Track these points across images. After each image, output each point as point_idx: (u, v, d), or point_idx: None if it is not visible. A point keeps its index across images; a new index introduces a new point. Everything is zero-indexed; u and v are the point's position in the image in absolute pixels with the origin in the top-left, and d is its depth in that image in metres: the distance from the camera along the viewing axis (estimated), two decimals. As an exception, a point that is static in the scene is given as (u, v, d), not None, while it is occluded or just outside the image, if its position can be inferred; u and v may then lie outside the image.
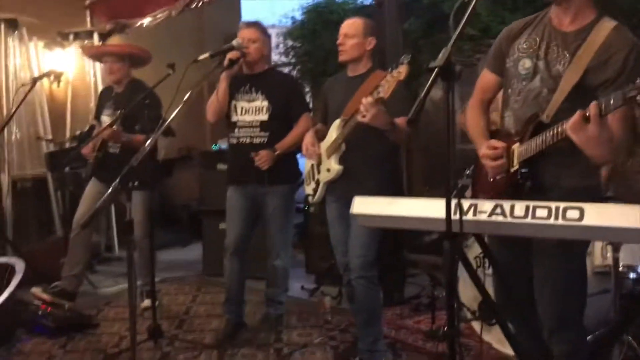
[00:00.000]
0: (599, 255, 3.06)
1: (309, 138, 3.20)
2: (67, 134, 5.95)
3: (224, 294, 3.67)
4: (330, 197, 3.21)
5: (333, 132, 3.08)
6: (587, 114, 1.71)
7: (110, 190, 2.49)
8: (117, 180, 2.49)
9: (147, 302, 4.08)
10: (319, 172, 3.22)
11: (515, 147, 2.05)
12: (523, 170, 1.99)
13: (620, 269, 2.95)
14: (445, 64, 1.60)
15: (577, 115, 1.74)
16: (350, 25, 3.06)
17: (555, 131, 1.87)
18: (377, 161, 3.06)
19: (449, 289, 1.66)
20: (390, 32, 3.89)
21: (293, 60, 6.38)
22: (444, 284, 1.74)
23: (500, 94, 2.31)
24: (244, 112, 3.48)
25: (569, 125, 1.76)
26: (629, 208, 1.52)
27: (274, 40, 6.46)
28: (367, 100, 2.64)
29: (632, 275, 2.97)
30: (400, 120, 2.80)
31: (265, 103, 3.43)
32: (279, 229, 3.55)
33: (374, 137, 2.91)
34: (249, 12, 7.83)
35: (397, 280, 4.23)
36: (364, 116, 2.67)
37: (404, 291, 4.27)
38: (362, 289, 3.04)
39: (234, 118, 3.50)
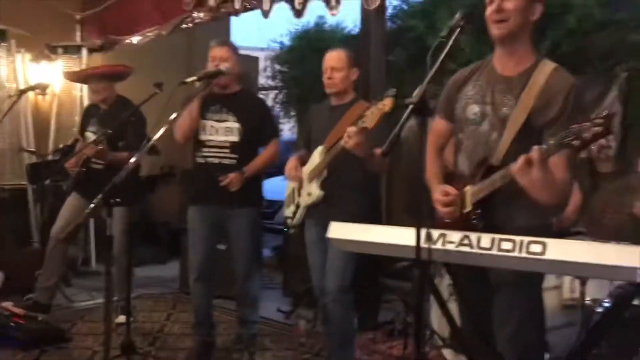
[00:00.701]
0: (567, 289, 3.15)
1: (292, 162, 3.28)
2: (50, 147, 5.96)
3: (193, 317, 3.64)
4: (309, 220, 3.27)
5: (316, 158, 3.16)
6: (531, 158, 1.79)
7: (92, 206, 2.52)
8: (100, 196, 2.52)
9: (121, 318, 4.08)
10: (299, 196, 3.29)
11: (468, 189, 2.12)
12: (476, 212, 2.06)
13: (587, 302, 3.04)
14: (419, 101, 1.68)
15: (521, 159, 1.82)
16: (336, 58, 3.16)
17: (503, 173, 1.95)
18: (357, 188, 3.14)
19: (417, 315, 1.73)
20: (375, 63, 3.99)
21: (280, 85, 6.50)
22: (413, 311, 1.80)
23: None
24: (213, 131, 3.44)
25: (514, 169, 1.85)
26: (588, 245, 1.61)
27: (261, 64, 6.60)
28: (351, 129, 2.75)
29: (598, 309, 3.06)
30: (380, 152, 2.88)
31: (237, 125, 3.41)
32: (247, 251, 3.52)
33: (355, 164, 2.99)
34: (238, 35, 7.96)
35: (372, 305, 4.28)
36: (346, 142, 2.76)
37: (378, 316, 4.32)
38: (337, 312, 3.10)
39: (203, 137, 3.44)
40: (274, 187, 7.28)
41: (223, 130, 3.43)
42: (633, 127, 4.22)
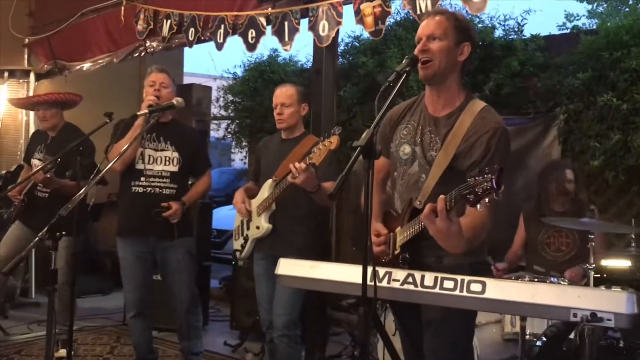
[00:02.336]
0: (508, 323, 3.25)
1: (239, 195, 3.31)
2: (-7, 172, 5.77)
3: (134, 353, 3.57)
4: (258, 254, 3.29)
5: (265, 191, 3.19)
6: (435, 208, 1.80)
7: (36, 239, 2.46)
8: (45, 230, 2.46)
9: (62, 352, 3.95)
10: (248, 228, 3.30)
11: (397, 230, 2.14)
12: (403, 255, 2.07)
13: (527, 336, 3.13)
14: (367, 144, 1.74)
15: (427, 208, 1.83)
16: (286, 95, 3.23)
17: (420, 218, 1.94)
18: (305, 221, 3.18)
19: (363, 352, 1.75)
20: (327, 98, 4.05)
21: (232, 115, 6.51)
22: (359, 347, 1.83)
23: None
24: (151, 160, 3.39)
25: (421, 218, 1.86)
26: (525, 285, 1.68)
27: (214, 94, 6.60)
28: (299, 165, 2.80)
29: (538, 342, 3.16)
30: (327, 185, 2.97)
31: (176, 154, 3.41)
32: (187, 281, 3.48)
33: (303, 198, 3.05)
34: (190, 63, 7.95)
35: (319, 338, 4.27)
36: (295, 178, 2.81)
37: (325, 349, 4.30)
38: (284, 347, 3.10)
39: (140, 166, 3.38)
40: (222, 217, 7.25)
41: (162, 160, 3.40)
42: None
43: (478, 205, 1.68)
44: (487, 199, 1.64)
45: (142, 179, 3.37)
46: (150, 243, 3.39)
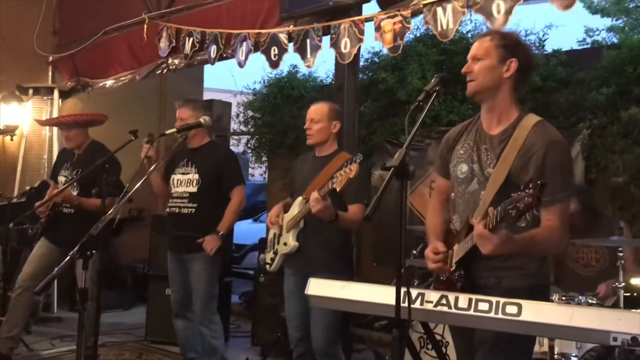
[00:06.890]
0: (536, 342, 3.19)
1: (275, 209, 3.35)
2: (17, 188, 5.84)
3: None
4: (288, 269, 3.30)
5: (295, 208, 3.21)
6: (480, 234, 1.84)
7: (67, 259, 2.50)
8: (76, 249, 2.49)
9: (86, 368, 3.96)
10: (278, 243, 3.32)
11: (455, 247, 2.14)
12: (458, 272, 2.07)
13: (556, 356, 3.08)
14: (400, 165, 1.73)
15: (475, 235, 1.87)
16: (316, 111, 3.25)
17: (472, 236, 1.96)
18: (333, 238, 3.17)
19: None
20: (348, 113, 4.05)
21: (252, 130, 6.55)
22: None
23: None
24: (178, 184, 3.67)
25: (475, 239, 1.90)
26: (562, 307, 1.66)
27: (234, 110, 6.64)
28: (314, 195, 2.89)
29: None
30: (352, 208, 3.04)
31: (196, 176, 3.60)
32: (200, 294, 3.60)
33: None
34: (211, 79, 8.03)
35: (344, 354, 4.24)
36: (313, 207, 2.91)
37: (349, 367, 4.28)
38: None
39: (172, 190, 3.70)
40: (241, 231, 7.26)
41: (185, 182, 3.64)
42: (597, 181, 4.39)
43: (521, 221, 1.71)
44: (528, 216, 1.69)
45: (171, 200, 3.70)
46: (179, 256, 3.67)
